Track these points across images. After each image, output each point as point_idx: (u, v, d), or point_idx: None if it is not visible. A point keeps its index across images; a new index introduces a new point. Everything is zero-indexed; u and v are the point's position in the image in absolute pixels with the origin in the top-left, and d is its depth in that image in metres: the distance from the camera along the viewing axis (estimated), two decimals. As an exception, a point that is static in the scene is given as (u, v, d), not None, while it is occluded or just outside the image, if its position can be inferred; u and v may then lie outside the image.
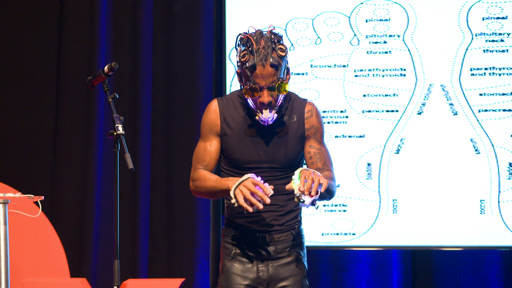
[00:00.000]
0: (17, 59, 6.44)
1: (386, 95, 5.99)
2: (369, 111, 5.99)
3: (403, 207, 5.93)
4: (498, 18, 5.94)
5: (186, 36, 6.38)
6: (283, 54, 3.52)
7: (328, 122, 6.01)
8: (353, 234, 5.97)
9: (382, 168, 5.96)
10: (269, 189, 3.38)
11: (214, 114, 3.65)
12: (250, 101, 3.55)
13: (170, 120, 6.35)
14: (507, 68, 5.91)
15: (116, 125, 3.73)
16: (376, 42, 6.01)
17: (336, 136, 6.00)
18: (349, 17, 6.04)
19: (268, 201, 3.36)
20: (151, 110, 6.35)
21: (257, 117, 3.54)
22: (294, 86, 6.02)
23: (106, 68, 3.84)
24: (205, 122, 3.67)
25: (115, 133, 3.73)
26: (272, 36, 3.53)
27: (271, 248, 3.64)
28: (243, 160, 3.60)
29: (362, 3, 6.03)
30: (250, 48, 3.50)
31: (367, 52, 6.02)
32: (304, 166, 3.65)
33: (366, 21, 6.02)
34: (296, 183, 3.37)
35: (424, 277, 6.20)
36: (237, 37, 3.58)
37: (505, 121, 5.90)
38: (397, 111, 5.97)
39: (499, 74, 5.91)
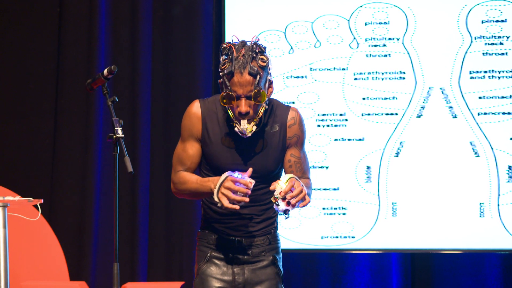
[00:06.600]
0: (17, 62, 6.43)
1: (386, 98, 5.99)
2: (369, 114, 5.99)
3: (403, 210, 5.93)
4: (497, 21, 5.94)
5: (185, 39, 6.38)
6: (263, 64, 3.45)
7: (328, 125, 6.01)
8: (353, 237, 5.97)
9: (381, 171, 5.96)
10: (249, 181, 3.35)
11: (195, 118, 3.59)
12: (230, 111, 3.49)
13: (169, 123, 6.35)
14: (506, 71, 5.91)
15: (116, 128, 3.72)
16: (375, 45, 6.01)
17: (336, 139, 6.00)
18: (349, 20, 6.04)
19: (249, 192, 3.34)
20: (151, 113, 6.35)
21: (236, 129, 3.48)
22: (293, 89, 6.02)
23: (105, 71, 3.84)
24: (186, 124, 3.61)
25: (114, 136, 3.72)
26: (254, 46, 3.47)
27: (247, 251, 3.62)
28: (221, 169, 3.52)
29: (361, 6, 6.03)
30: (230, 56, 3.45)
31: (367, 55, 6.02)
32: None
33: (366, 24, 6.03)
34: (281, 186, 3.35)
35: (424, 280, 6.20)
36: (220, 46, 3.53)
37: (504, 124, 5.90)
38: (396, 114, 5.97)
39: (499, 77, 5.91)
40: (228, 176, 3.37)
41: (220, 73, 3.48)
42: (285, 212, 3.37)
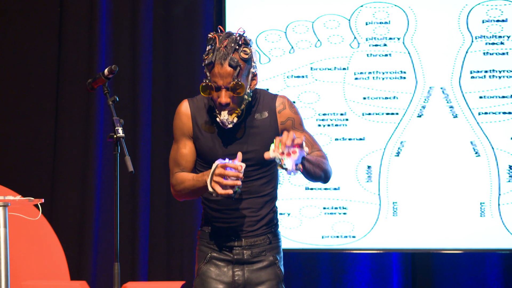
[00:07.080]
0: (17, 62, 6.44)
1: (386, 98, 5.99)
2: (369, 114, 5.99)
3: (403, 209, 5.93)
4: (498, 20, 5.94)
5: (186, 39, 6.38)
6: (246, 56, 3.44)
7: (328, 125, 6.01)
8: (353, 237, 5.97)
9: (382, 170, 5.96)
10: (239, 164, 3.33)
11: (185, 117, 3.62)
12: (212, 102, 3.50)
13: (170, 122, 6.33)
14: (507, 71, 5.91)
15: (116, 127, 3.72)
16: (376, 45, 6.01)
17: (336, 139, 6.00)
18: (349, 20, 6.04)
19: (241, 175, 3.31)
20: (151, 113, 6.35)
21: (217, 119, 3.49)
22: (294, 89, 6.02)
23: (106, 71, 3.84)
24: (177, 125, 3.63)
25: (115, 136, 3.72)
26: (238, 38, 3.46)
27: (247, 252, 3.60)
28: (214, 161, 3.47)
29: (362, 6, 6.03)
30: (213, 47, 3.45)
31: (367, 54, 6.02)
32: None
33: (366, 24, 6.02)
34: (272, 149, 3.29)
35: (424, 279, 6.20)
36: (207, 37, 3.53)
37: (505, 123, 5.90)
38: (397, 113, 5.97)
39: (499, 77, 5.91)
40: (218, 164, 3.35)
41: (203, 63, 3.48)
42: (297, 168, 3.28)
